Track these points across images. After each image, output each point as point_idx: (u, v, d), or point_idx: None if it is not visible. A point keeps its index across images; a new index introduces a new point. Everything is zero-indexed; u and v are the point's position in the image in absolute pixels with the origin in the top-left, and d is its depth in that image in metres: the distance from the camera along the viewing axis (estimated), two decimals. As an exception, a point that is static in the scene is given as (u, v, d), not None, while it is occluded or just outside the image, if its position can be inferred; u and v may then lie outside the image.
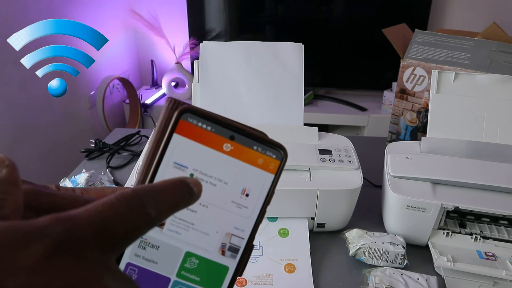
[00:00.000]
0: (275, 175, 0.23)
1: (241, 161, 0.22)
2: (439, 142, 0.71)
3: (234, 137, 0.22)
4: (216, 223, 0.22)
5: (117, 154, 0.98)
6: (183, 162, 0.22)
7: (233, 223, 0.23)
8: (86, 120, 1.85)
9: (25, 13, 1.39)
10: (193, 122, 0.22)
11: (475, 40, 0.88)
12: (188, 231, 0.22)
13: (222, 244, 0.22)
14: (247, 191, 0.23)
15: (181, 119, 0.22)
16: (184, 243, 0.22)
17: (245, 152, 0.22)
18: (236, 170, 0.22)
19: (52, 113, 1.57)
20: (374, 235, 0.62)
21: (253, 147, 0.22)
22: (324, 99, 2.26)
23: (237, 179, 0.22)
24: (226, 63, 0.76)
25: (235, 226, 0.23)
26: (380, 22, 1.12)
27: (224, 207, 0.22)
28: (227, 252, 0.23)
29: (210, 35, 2.20)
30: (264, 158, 0.23)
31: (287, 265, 0.60)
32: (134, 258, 0.22)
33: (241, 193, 0.23)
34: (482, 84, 0.73)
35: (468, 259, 0.59)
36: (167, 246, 0.22)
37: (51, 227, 0.15)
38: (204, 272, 0.22)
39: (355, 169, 0.66)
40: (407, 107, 0.95)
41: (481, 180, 0.61)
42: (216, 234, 0.22)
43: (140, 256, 0.22)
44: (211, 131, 0.22)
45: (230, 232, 0.23)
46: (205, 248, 0.22)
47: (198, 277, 0.22)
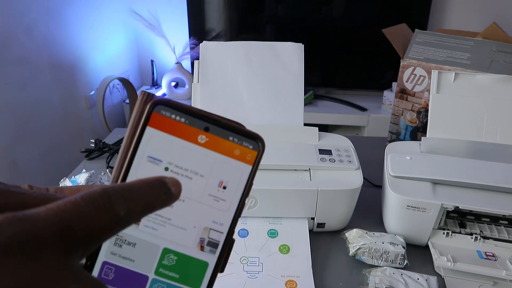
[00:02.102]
0: (253, 166, 0.22)
1: (217, 153, 0.22)
2: (439, 142, 0.71)
3: (208, 128, 0.22)
4: (193, 217, 0.22)
5: (117, 154, 0.98)
6: (157, 156, 0.21)
7: (211, 217, 0.22)
8: (86, 120, 1.85)
9: (25, 13, 1.39)
10: (166, 115, 0.21)
11: (475, 40, 0.88)
12: (165, 226, 0.21)
13: (201, 239, 0.22)
14: (224, 184, 0.22)
15: (154, 112, 0.21)
16: (161, 239, 0.21)
17: (221, 144, 0.22)
18: (212, 162, 0.22)
19: (52, 113, 1.57)
20: (374, 235, 0.62)
21: (229, 138, 0.22)
22: (324, 99, 2.26)
23: (214, 172, 0.22)
24: (226, 63, 0.76)
25: (213, 220, 0.22)
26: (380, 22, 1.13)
27: (201, 200, 0.22)
28: (206, 247, 0.22)
29: (210, 35, 2.20)
30: (241, 149, 0.22)
31: (288, 281, 0.58)
32: (110, 257, 0.21)
33: (218, 186, 0.22)
34: (482, 84, 0.73)
35: (468, 259, 0.59)
36: (143, 243, 0.21)
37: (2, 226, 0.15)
38: (183, 268, 0.22)
39: (355, 169, 0.66)
40: (407, 107, 0.95)
41: (481, 180, 0.61)
42: (194, 229, 0.22)
43: (117, 254, 0.21)
44: (185, 123, 0.21)
45: (208, 227, 0.22)
46: (183, 244, 0.22)
47: (177, 274, 0.22)
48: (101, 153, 0.99)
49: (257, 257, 0.60)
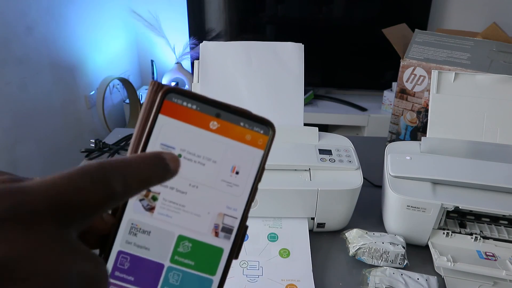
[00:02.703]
0: (264, 150, 0.22)
1: (228, 139, 0.22)
2: (439, 142, 0.71)
3: (220, 115, 0.22)
4: (207, 203, 0.22)
5: (117, 154, 0.98)
6: (170, 143, 0.22)
7: (225, 202, 0.22)
8: (86, 120, 1.85)
9: (25, 13, 1.39)
10: (178, 102, 0.22)
11: (475, 40, 0.88)
12: (179, 213, 0.22)
13: (215, 225, 0.22)
14: (237, 169, 0.22)
15: (165, 100, 0.21)
16: (176, 226, 0.22)
17: (232, 129, 0.22)
18: (224, 148, 0.22)
19: (52, 113, 1.57)
20: (374, 235, 0.62)
21: (240, 124, 0.22)
22: (324, 99, 2.26)
23: (226, 157, 0.22)
24: (226, 63, 0.76)
25: (227, 206, 0.22)
26: (380, 22, 1.13)
27: (214, 186, 0.22)
28: (220, 233, 0.22)
29: (210, 35, 2.20)
30: (252, 134, 0.22)
31: (288, 285, 0.58)
32: (125, 246, 0.21)
33: (231, 171, 0.22)
34: (482, 84, 0.73)
35: (468, 259, 0.59)
36: (158, 231, 0.21)
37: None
38: (198, 255, 0.22)
39: (355, 169, 0.66)
40: (407, 107, 0.95)
41: (481, 180, 0.61)
42: (208, 215, 0.22)
43: (132, 243, 0.21)
44: (197, 109, 0.22)
45: (222, 212, 0.22)
46: (198, 230, 0.22)
47: (192, 261, 0.22)
48: (101, 153, 0.99)
49: (257, 261, 0.60)
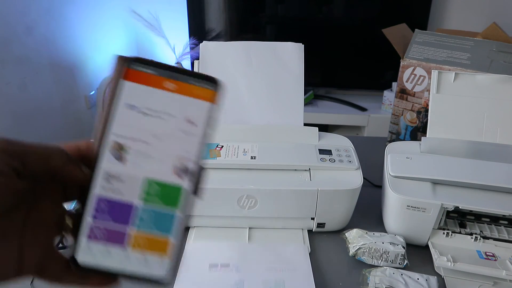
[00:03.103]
0: (214, 103, 0.27)
1: (183, 95, 0.26)
2: (439, 142, 0.71)
3: (174, 76, 0.26)
4: (168, 150, 0.26)
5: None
6: (133, 103, 0.26)
7: (183, 148, 0.26)
8: (86, 120, 1.85)
9: (26, 13, 1.39)
10: (138, 69, 0.26)
11: (475, 40, 0.88)
12: (145, 160, 0.26)
13: (176, 167, 0.26)
14: (192, 120, 0.26)
15: (128, 68, 0.26)
16: (142, 170, 0.26)
17: (185, 88, 0.26)
18: (179, 104, 0.26)
19: (52, 113, 1.57)
20: (374, 235, 0.62)
21: (191, 82, 0.26)
22: (324, 99, 2.26)
23: (182, 111, 0.26)
24: (226, 63, 0.76)
25: (185, 151, 0.26)
26: (380, 22, 1.13)
27: (173, 135, 0.26)
28: (180, 173, 0.26)
29: (210, 35, 2.20)
30: (202, 91, 0.27)
31: None
32: (102, 191, 0.25)
33: (186, 122, 0.26)
34: (482, 84, 0.73)
35: (468, 259, 0.59)
36: (128, 176, 0.26)
37: None
38: (163, 193, 0.26)
39: (355, 169, 0.66)
40: (407, 107, 0.95)
41: (481, 180, 0.61)
42: (169, 159, 0.26)
43: (107, 188, 0.26)
44: (154, 74, 0.26)
45: (180, 156, 0.26)
46: (161, 173, 0.26)
47: (158, 198, 0.26)
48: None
49: None
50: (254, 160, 0.65)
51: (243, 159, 0.65)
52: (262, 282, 0.56)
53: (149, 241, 0.26)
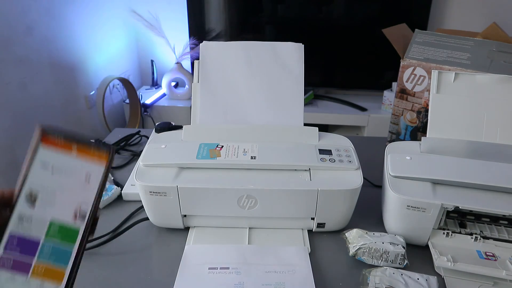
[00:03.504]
0: (107, 162, 0.34)
1: (83, 158, 0.34)
2: (439, 142, 0.71)
3: (77, 142, 0.34)
4: (70, 199, 0.33)
5: (117, 154, 0.98)
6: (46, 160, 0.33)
7: (82, 198, 0.33)
8: (86, 120, 1.85)
9: (25, 13, 1.39)
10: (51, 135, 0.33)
11: (475, 40, 0.88)
12: (51, 206, 0.33)
13: (75, 212, 0.33)
14: (89, 176, 0.34)
15: (44, 134, 0.33)
16: (49, 214, 0.33)
17: (85, 151, 0.34)
18: (80, 163, 0.34)
19: (52, 113, 1.57)
20: (374, 235, 0.62)
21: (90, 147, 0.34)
22: (324, 99, 2.26)
23: (82, 169, 0.34)
24: (226, 63, 0.76)
25: (82, 200, 0.33)
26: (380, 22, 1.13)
27: (75, 187, 0.33)
28: (78, 217, 0.33)
29: (210, 35, 2.20)
30: (99, 154, 0.34)
31: None
32: (14, 230, 0.32)
33: (85, 178, 0.34)
34: (482, 84, 0.73)
35: (468, 259, 0.59)
36: (37, 219, 0.32)
37: None
38: (63, 232, 0.33)
39: (355, 169, 0.66)
40: (407, 107, 0.95)
41: (481, 180, 0.61)
42: (70, 206, 0.33)
43: (19, 227, 0.32)
44: (63, 140, 0.34)
45: (79, 204, 0.33)
46: (63, 217, 0.33)
47: (59, 236, 0.33)
48: (101, 153, 0.98)
49: None
50: (254, 160, 0.65)
51: (243, 159, 0.65)
52: (262, 284, 0.56)
53: (48, 271, 0.32)
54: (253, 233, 0.68)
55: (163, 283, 0.58)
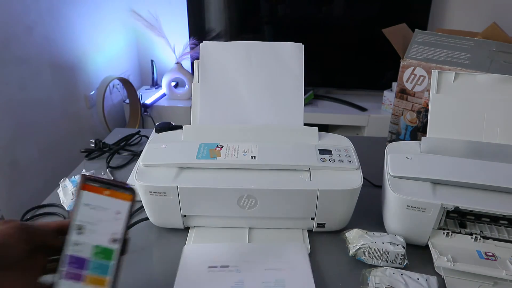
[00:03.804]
0: (131, 201, 0.46)
1: (113, 198, 0.46)
2: (439, 142, 0.71)
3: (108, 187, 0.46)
4: (106, 228, 0.46)
5: (117, 154, 0.98)
6: (87, 202, 0.46)
7: (115, 228, 0.46)
8: (86, 120, 1.85)
9: (25, 13, 1.39)
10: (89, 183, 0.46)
11: (475, 40, 0.88)
12: (94, 234, 0.45)
13: (110, 238, 0.45)
14: (119, 211, 0.45)
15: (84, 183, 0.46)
16: (93, 240, 0.45)
17: (115, 193, 0.46)
18: (112, 202, 0.46)
19: (52, 113, 1.57)
20: (374, 235, 0.62)
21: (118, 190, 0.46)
22: (324, 99, 2.26)
23: (113, 206, 0.46)
24: (226, 63, 0.76)
25: (115, 230, 0.46)
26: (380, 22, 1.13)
27: (109, 220, 0.45)
28: (113, 241, 0.45)
29: (210, 35, 2.20)
30: (124, 195, 0.46)
31: None
32: (70, 251, 0.45)
33: (115, 213, 0.45)
34: (482, 84, 0.73)
35: (468, 259, 0.59)
36: (84, 243, 0.45)
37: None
38: (104, 252, 0.45)
39: (355, 169, 0.66)
40: (407, 107, 0.95)
41: (481, 180, 0.61)
42: (107, 233, 0.46)
43: (73, 249, 0.45)
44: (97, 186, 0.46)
45: (113, 232, 0.46)
46: (103, 241, 0.45)
47: (102, 255, 0.45)
48: (101, 153, 0.99)
49: None
50: (254, 160, 0.65)
51: (243, 159, 0.66)
52: (262, 282, 0.56)
53: (95, 279, 0.45)
54: (253, 233, 0.68)
55: (163, 283, 0.58)
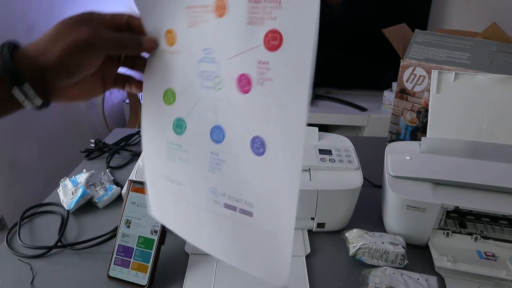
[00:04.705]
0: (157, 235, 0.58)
1: None
2: (439, 142, 0.71)
3: None
4: (148, 222, 0.57)
5: (117, 154, 0.98)
6: (134, 201, 0.59)
7: (154, 221, 0.55)
8: (86, 120, 1.85)
9: (26, 13, 1.40)
10: (136, 185, 0.59)
11: (475, 40, 0.88)
12: (138, 227, 0.58)
13: (151, 229, 0.57)
14: None
15: (131, 185, 0.59)
16: (137, 231, 0.58)
17: None
18: None
19: (52, 113, 1.57)
20: (374, 235, 0.62)
21: None
22: (324, 99, 2.26)
23: None
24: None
25: (155, 222, 0.56)
26: (380, 22, 1.13)
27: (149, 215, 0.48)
28: (153, 232, 0.57)
29: (210, 35, 2.20)
30: None
31: None
32: (120, 241, 0.58)
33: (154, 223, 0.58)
34: (482, 84, 0.73)
35: (468, 259, 0.59)
36: (131, 235, 0.58)
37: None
38: (146, 242, 0.57)
39: (355, 169, 0.66)
40: (407, 107, 0.95)
41: (481, 180, 0.61)
42: (149, 226, 0.57)
43: (122, 240, 0.58)
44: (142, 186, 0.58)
45: (154, 225, 0.57)
46: (145, 233, 0.57)
47: (144, 244, 0.57)
48: (101, 153, 0.99)
49: None
50: (254, 160, 0.65)
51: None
52: None
53: (139, 265, 0.56)
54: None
55: (163, 282, 0.58)
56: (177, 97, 0.40)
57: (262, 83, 0.33)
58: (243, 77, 0.34)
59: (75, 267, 0.61)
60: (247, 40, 0.33)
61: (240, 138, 0.36)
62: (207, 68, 0.36)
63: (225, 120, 0.37)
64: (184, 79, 0.39)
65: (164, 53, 0.39)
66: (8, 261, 0.63)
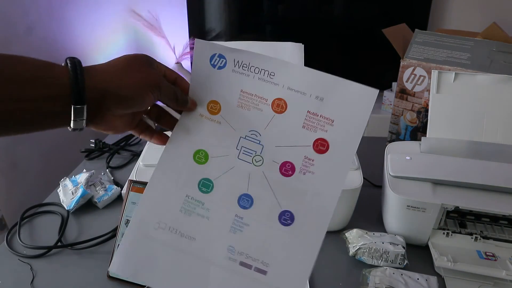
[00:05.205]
0: None
1: None
2: (439, 142, 0.71)
3: None
4: None
5: (117, 154, 0.98)
6: (133, 200, 0.59)
7: None
8: (86, 120, 1.85)
9: (25, 13, 1.39)
10: (135, 185, 0.59)
11: (475, 40, 0.88)
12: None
13: None
14: None
15: (131, 185, 0.59)
16: None
17: None
18: None
19: (52, 113, 1.57)
20: (374, 235, 0.62)
21: None
22: (324, 99, 2.25)
23: None
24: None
25: None
26: (380, 22, 1.12)
27: None
28: None
29: (210, 35, 2.20)
30: None
31: None
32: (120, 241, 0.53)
33: None
34: (482, 84, 0.73)
35: (468, 259, 0.59)
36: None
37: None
38: None
39: (355, 169, 0.66)
40: (407, 107, 0.95)
41: (481, 180, 0.61)
42: None
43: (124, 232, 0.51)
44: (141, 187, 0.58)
45: None
46: None
47: None
48: (101, 153, 0.99)
49: None
50: (254, 160, 0.65)
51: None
52: None
53: None
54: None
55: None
56: (210, 159, 0.42)
57: (305, 173, 0.40)
58: (287, 164, 0.40)
59: (75, 267, 0.61)
60: (299, 139, 0.40)
61: (269, 209, 0.41)
62: (249, 146, 0.41)
63: (256, 191, 0.41)
64: (222, 147, 0.42)
65: (202, 118, 0.42)
66: (8, 261, 0.63)
